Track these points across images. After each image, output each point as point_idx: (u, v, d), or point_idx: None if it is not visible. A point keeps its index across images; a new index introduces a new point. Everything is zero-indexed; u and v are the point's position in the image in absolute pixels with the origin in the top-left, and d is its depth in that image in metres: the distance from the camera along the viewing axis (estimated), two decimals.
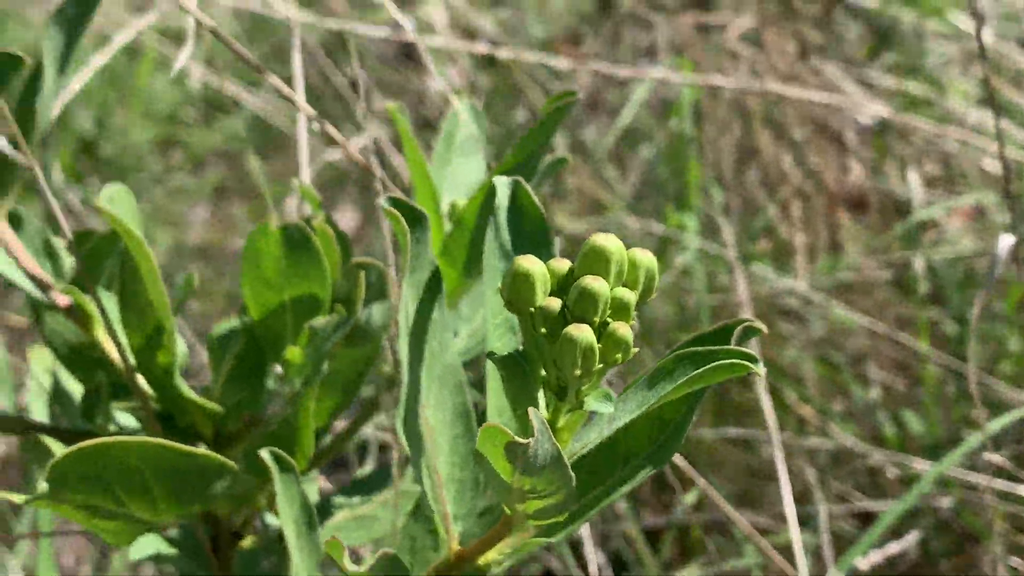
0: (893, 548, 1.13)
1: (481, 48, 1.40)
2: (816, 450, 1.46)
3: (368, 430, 1.38)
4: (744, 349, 0.52)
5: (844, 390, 1.57)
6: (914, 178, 1.46)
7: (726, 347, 0.53)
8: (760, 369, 0.52)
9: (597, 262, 0.52)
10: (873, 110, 1.59)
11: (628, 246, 0.53)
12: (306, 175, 1.14)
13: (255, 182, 2.36)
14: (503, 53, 1.42)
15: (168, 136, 2.60)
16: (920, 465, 1.29)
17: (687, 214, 1.46)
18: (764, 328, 0.57)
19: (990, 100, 0.94)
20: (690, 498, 1.45)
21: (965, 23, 1.68)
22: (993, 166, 1.60)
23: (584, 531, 1.30)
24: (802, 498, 1.41)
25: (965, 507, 1.33)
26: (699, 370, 0.52)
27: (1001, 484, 1.21)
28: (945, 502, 1.34)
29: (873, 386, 1.55)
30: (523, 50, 1.57)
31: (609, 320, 0.52)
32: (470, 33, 2.02)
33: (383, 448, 1.47)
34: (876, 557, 1.09)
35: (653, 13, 1.90)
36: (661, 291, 1.59)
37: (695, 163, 1.65)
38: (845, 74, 1.67)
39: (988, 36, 1.65)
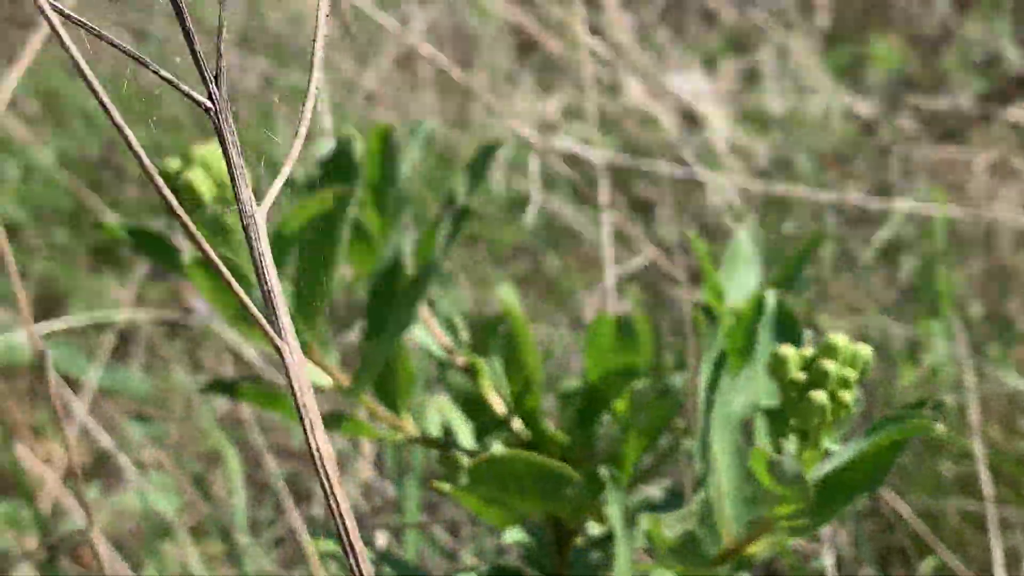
0: None
1: (745, 182, 1.69)
2: None
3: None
4: (929, 416, 0.79)
5: None
6: None
7: (919, 413, 0.80)
8: (939, 428, 0.78)
9: (830, 351, 0.80)
10: None
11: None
12: (611, 277, 1.46)
13: (549, 275, 2.71)
14: (770, 183, 1.70)
15: (475, 232, 2.99)
16: None
17: (934, 320, 1.70)
18: (949, 401, 0.84)
19: None
20: (928, 566, 1.67)
21: None
22: None
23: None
24: None
25: None
26: (896, 426, 0.79)
27: None
28: None
29: None
30: (792, 172, 1.85)
31: (836, 389, 0.80)
32: (746, 154, 2.31)
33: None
34: None
35: (910, 143, 2.15)
36: (911, 386, 1.83)
37: (946, 276, 1.88)
38: None
39: None
